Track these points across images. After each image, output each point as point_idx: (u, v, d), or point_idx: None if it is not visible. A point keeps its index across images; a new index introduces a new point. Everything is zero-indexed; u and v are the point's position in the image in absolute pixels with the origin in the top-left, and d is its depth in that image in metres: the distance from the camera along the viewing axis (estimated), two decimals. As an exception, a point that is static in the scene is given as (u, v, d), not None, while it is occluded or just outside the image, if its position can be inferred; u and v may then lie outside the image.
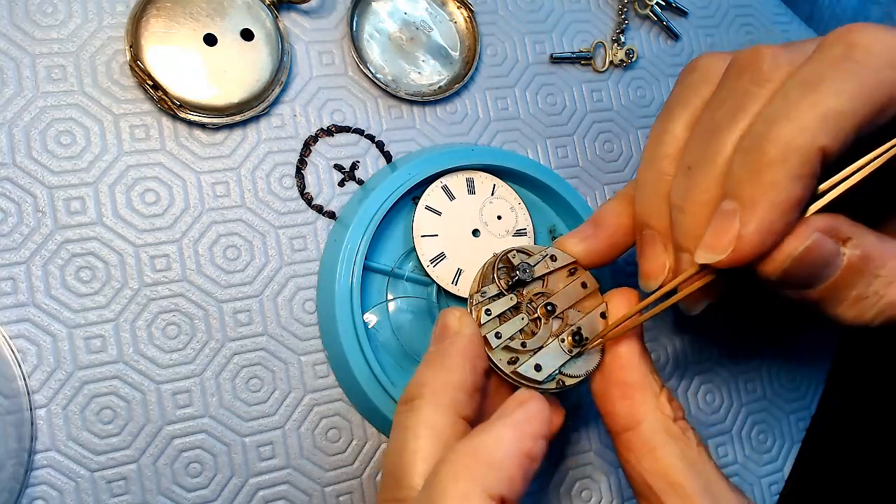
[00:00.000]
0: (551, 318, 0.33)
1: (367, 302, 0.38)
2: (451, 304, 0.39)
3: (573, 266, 0.34)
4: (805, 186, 0.26)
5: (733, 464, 0.44)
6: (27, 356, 0.33)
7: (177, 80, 0.36)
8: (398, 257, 0.39)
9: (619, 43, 0.47)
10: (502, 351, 0.32)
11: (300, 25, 0.41)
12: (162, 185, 0.37)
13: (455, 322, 0.31)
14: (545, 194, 0.42)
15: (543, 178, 0.41)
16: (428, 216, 0.39)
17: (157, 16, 0.37)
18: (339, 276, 0.36)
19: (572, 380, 0.32)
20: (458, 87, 0.42)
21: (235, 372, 0.36)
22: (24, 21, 0.36)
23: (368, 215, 0.37)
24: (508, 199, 0.41)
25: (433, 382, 0.29)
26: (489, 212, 0.40)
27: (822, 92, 0.25)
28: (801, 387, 0.47)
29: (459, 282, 0.38)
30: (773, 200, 0.26)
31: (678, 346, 0.44)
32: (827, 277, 0.27)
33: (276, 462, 0.36)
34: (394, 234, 0.39)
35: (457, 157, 0.40)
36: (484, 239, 0.40)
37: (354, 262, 0.36)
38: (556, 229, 0.42)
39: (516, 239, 0.40)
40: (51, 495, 0.33)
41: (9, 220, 0.34)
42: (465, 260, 0.39)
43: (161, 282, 0.36)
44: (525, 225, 0.41)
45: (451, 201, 0.39)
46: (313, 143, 0.40)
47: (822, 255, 0.27)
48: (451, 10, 0.43)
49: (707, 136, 0.29)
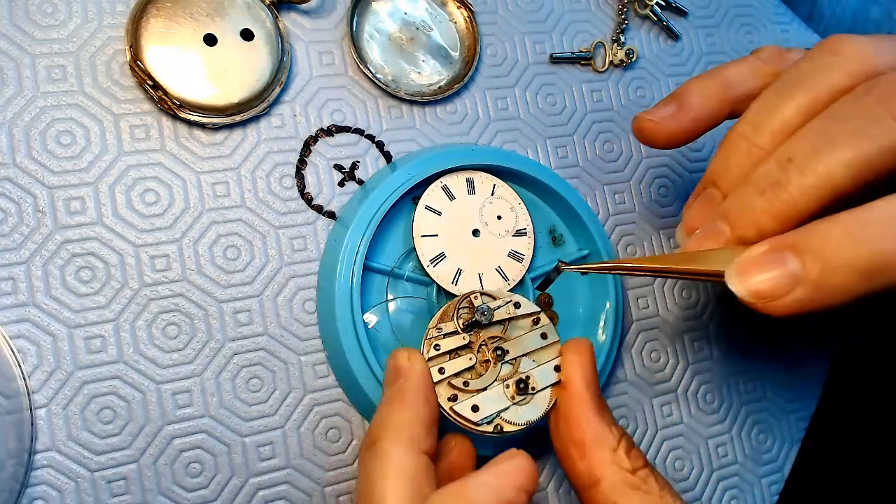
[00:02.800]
0: (500, 363, 0.33)
1: (367, 302, 0.38)
2: None
3: (537, 316, 0.34)
4: None
5: (733, 464, 0.44)
6: (27, 356, 0.33)
7: (177, 80, 0.36)
8: (398, 257, 0.39)
9: (619, 43, 0.47)
10: (445, 387, 0.32)
11: (300, 25, 0.41)
12: (162, 185, 0.37)
13: (405, 361, 0.31)
14: (545, 194, 0.42)
15: (543, 178, 0.41)
16: (428, 216, 0.39)
17: (157, 16, 0.37)
18: (339, 276, 0.36)
19: (513, 427, 0.32)
20: (458, 87, 0.42)
21: (235, 372, 0.36)
22: (24, 21, 0.36)
23: (368, 215, 0.37)
24: (508, 199, 0.41)
25: (392, 422, 0.29)
26: (489, 212, 0.40)
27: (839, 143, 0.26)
28: (801, 387, 0.47)
29: (459, 282, 0.38)
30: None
31: (678, 346, 0.44)
32: None
33: (276, 462, 0.36)
34: (394, 234, 0.39)
35: (457, 157, 0.40)
36: (484, 239, 0.40)
37: (354, 262, 0.36)
38: (555, 229, 0.42)
39: (516, 239, 0.40)
40: (51, 495, 0.33)
41: (9, 220, 0.34)
42: (465, 260, 0.39)
43: (161, 282, 0.36)
44: (525, 225, 0.41)
45: (451, 201, 0.40)
46: (313, 143, 0.40)
47: None
48: (451, 10, 0.43)
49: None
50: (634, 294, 0.44)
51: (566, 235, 0.42)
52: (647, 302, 0.44)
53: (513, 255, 0.40)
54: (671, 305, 0.45)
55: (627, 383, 0.43)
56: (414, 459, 0.28)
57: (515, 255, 0.40)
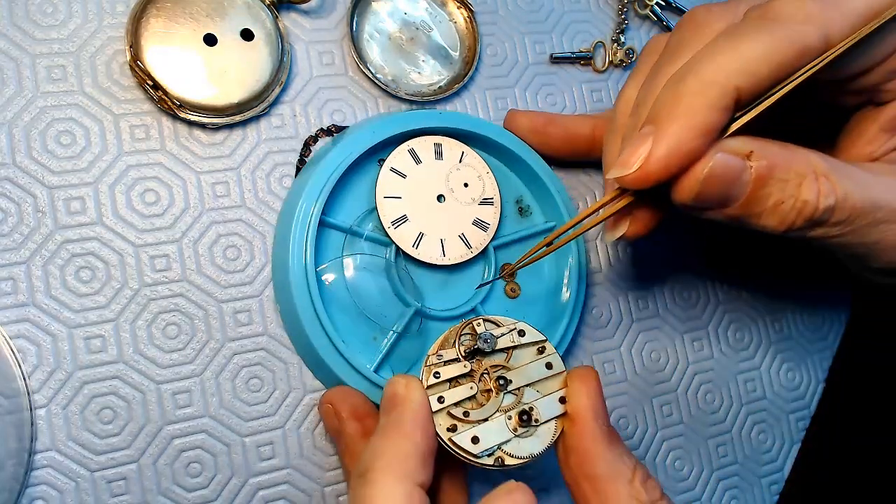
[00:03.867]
0: (503, 392, 0.32)
1: (322, 259, 0.37)
2: (409, 266, 0.39)
3: (542, 344, 0.33)
4: (717, 118, 0.29)
5: (733, 464, 0.44)
6: (27, 356, 0.33)
7: (177, 80, 0.36)
8: (358, 216, 0.39)
9: (619, 43, 0.47)
10: (444, 416, 0.31)
11: (300, 25, 0.41)
12: (162, 185, 0.37)
13: (402, 389, 0.30)
14: (514, 164, 0.42)
15: (512, 146, 0.41)
16: (392, 178, 0.39)
17: (157, 16, 0.37)
18: (294, 229, 0.36)
19: (514, 460, 0.31)
20: (458, 87, 0.42)
21: (235, 372, 0.36)
22: (24, 21, 0.36)
23: (328, 171, 0.37)
24: (476, 167, 0.40)
25: (386, 454, 0.29)
26: (456, 178, 0.40)
27: (743, 42, 0.29)
28: (802, 386, 0.47)
29: (420, 245, 0.38)
30: (684, 124, 0.28)
31: (678, 346, 0.44)
32: (741, 194, 0.30)
33: (276, 462, 0.36)
34: (355, 192, 0.39)
35: (423, 120, 0.39)
36: (449, 205, 0.39)
37: (311, 216, 0.36)
38: (522, 199, 0.42)
39: (482, 208, 0.40)
40: (51, 495, 0.33)
41: (9, 220, 0.34)
42: (427, 224, 0.39)
43: (161, 282, 0.36)
44: (492, 194, 0.40)
45: (417, 165, 0.39)
46: (313, 143, 0.40)
47: (728, 173, 0.29)
48: (451, 10, 0.43)
49: (648, 79, 0.33)
50: (634, 296, 0.44)
51: (533, 206, 0.42)
52: (648, 303, 0.44)
53: (477, 224, 0.40)
54: (671, 305, 0.45)
55: (627, 383, 0.43)
56: (408, 495, 0.28)
57: (480, 224, 0.40)
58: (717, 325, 0.46)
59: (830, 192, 0.30)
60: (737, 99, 0.29)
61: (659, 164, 0.29)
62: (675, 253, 0.46)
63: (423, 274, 0.39)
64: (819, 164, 0.30)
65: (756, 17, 0.30)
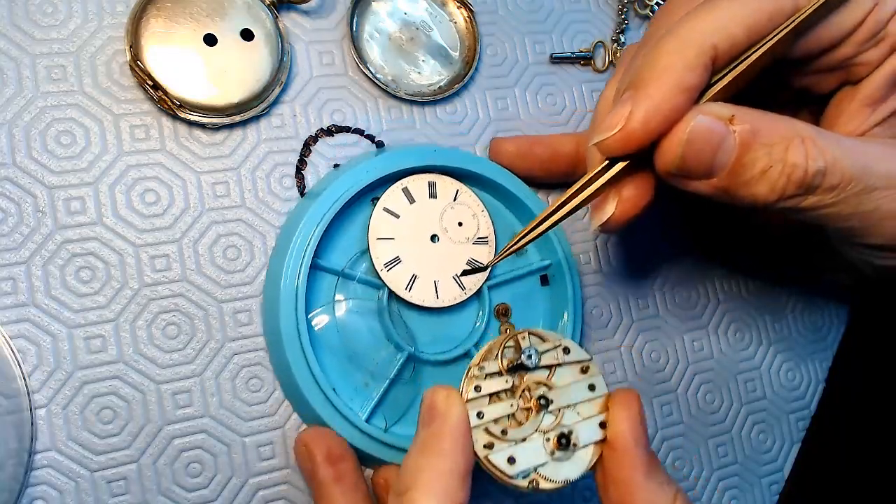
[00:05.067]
0: (543, 412, 0.30)
1: (313, 302, 0.37)
2: (402, 308, 0.38)
3: (587, 364, 0.32)
4: (695, 77, 0.29)
5: (733, 464, 0.44)
6: (27, 356, 0.33)
7: (177, 80, 0.36)
8: (351, 257, 0.38)
9: (619, 43, 0.47)
10: (482, 432, 0.29)
11: (300, 25, 0.41)
12: (162, 185, 0.37)
13: (442, 403, 0.29)
14: (509, 201, 0.41)
15: (507, 184, 0.40)
16: (385, 218, 0.38)
17: (157, 16, 0.37)
18: (286, 274, 0.35)
19: (550, 484, 0.29)
20: (458, 87, 0.42)
21: (235, 372, 0.36)
22: (24, 21, 0.36)
23: (319, 213, 0.36)
24: (471, 205, 0.40)
25: (424, 471, 0.28)
26: (450, 217, 0.39)
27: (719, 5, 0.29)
28: (802, 386, 0.47)
29: (413, 288, 0.37)
30: (663, 83, 0.28)
31: (678, 346, 0.44)
32: (726, 161, 0.29)
33: (276, 462, 0.36)
34: (349, 234, 0.38)
35: (417, 158, 0.39)
36: (443, 245, 0.39)
37: (302, 261, 0.35)
38: None
39: (477, 247, 0.39)
40: (51, 495, 0.33)
41: (9, 220, 0.34)
42: (421, 266, 0.38)
43: (161, 282, 0.36)
44: (487, 233, 0.40)
45: (410, 204, 0.39)
46: (313, 143, 0.40)
47: (711, 136, 0.28)
48: (451, 10, 0.43)
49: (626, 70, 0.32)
50: (635, 296, 0.44)
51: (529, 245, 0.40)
52: (648, 303, 0.44)
53: (472, 264, 0.39)
54: (671, 305, 0.45)
55: (628, 384, 0.43)
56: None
57: (475, 265, 0.39)
58: (717, 325, 0.46)
59: (819, 155, 0.29)
60: (714, 58, 0.29)
61: (639, 123, 0.28)
62: (675, 253, 0.46)
63: (415, 316, 0.38)
64: (804, 129, 0.29)
65: None
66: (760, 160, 0.29)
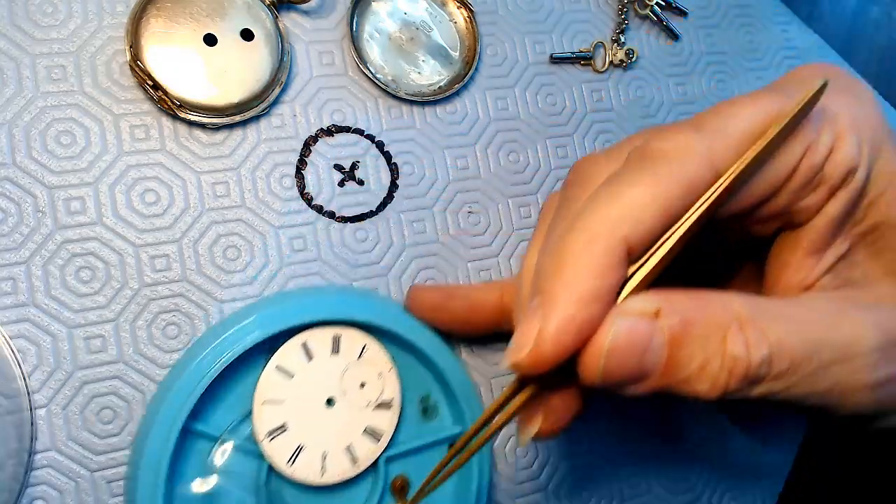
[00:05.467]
0: None
1: (183, 472, 0.33)
2: (284, 484, 0.34)
3: None
4: (608, 277, 0.24)
5: (733, 464, 0.44)
6: (27, 356, 0.33)
7: (177, 80, 0.36)
8: (234, 420, 0.34)
9: (619, 43, 0.47)
10: None
11: (300, 25, 0.41)
12: (162, 185, 0.37)
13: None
14: (423, 358, 0.36)
15: (423, 345, 0.36)
16: (277, 378, 0.34)
17: (157, 16, 0.37)
18: (152, 441, 0.31)
19: None
20: (458, 87, 0.42)
21: (235, 372, 0.36)
22: (24, 21, 0.36)
23: (200, 373, 0.32)
24: (378, 363, 0.35)
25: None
26: (352, 377, 0.35)
27: (625, 187, 0.25)
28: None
29: (297, 461, 0.33)
30: (572, 292, 0.24)
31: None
32: (656, 363, 0.25)
33: (276, 462, 0.36)
34: (235, 392, 0.34)
35: (323, 311, 0.35)
36: (339, 410, 0.35)
37: (172, 429, 0.31)
38: (429, 398, 0.37)
39: (377, 413, 0.35)
40: (51, 495, 0.33)
41: (9, 220, 0.34)
42: (309, 435, 0.34)
43: (161, 282, 0.36)
44: (391, 396, 0.35)
45: (308, 362, 0.35)
46: (313, 143, 0.40)
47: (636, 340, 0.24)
48: (451, 10, 0.43)
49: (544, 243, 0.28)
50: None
51: (441, 406, 0.37)
52: (647, 302, 0.44)
53: (369, 432, 0.35)
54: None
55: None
56: None
57: (372, 433, 0.35)
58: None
59: (761, 340, 0.25)
60: (627, 249, 0.25)
61: (552, 342, 0.24)
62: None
63: (298, 494, 0.34)
64: (741, 310, 0.25)
65: (636, 159, 0.27)
66: (696, 356, 0.25)
